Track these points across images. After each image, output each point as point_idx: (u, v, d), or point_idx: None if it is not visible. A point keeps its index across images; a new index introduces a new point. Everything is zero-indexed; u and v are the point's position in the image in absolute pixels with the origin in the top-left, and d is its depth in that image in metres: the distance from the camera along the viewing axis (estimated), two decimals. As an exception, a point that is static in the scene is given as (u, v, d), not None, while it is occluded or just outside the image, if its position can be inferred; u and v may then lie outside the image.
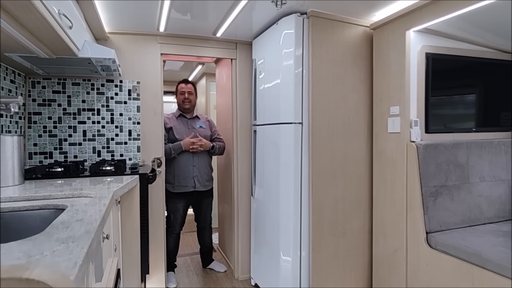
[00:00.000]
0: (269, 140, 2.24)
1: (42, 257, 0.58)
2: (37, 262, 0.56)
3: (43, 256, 0.58)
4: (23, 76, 2.09)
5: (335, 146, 2.06)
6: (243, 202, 2.67)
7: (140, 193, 1.81)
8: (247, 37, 2.55)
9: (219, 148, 2.73)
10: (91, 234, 0.71)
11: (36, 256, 0.58)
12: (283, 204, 2.06)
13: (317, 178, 2.01)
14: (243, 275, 2.68)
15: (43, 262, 0.55)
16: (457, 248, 1.56)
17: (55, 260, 0.56)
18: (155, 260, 2.41)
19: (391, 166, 1.96)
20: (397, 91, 1.92)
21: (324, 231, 2.03)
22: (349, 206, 2.10)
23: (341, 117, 2.08)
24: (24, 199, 1.19)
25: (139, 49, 2.38)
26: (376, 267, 2.08)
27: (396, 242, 1.91)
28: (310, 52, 2.00)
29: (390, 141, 1.97)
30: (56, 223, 0.82)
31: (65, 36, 1.34)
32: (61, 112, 2.23)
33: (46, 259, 0.57)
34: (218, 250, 3.32)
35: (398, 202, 1.90)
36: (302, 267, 2.03)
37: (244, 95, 2.66)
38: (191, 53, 2.54)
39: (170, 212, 2.62)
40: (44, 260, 0.56)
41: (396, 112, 1.92)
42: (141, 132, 2.40)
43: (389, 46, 1.98)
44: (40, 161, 2.19)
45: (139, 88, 2.39)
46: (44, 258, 0.57)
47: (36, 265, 0.53)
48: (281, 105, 2.09)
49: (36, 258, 0.57)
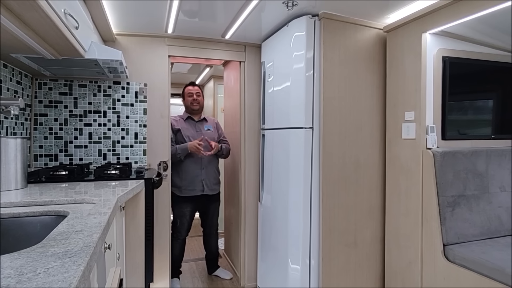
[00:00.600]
0: (278, 145, 2.17)
1: (34, 276, 0.52)
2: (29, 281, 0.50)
3: (36, 274, 0.53)
4: (29, 77, 2.07)
5: (347, 152, 1.99)
6: (250, 208, 2.61)
7: (145, 198, 1.76)
8: (256, 39, 2.50)
9: (226, 149, 2.68)
10: (90, 249, 0.65)
11: (28, 275, 0.53)
12: (292, 211, 1.99)
13: (328, 185, 1.94)
14: (249, 283, 2.61)
15: (35, 281, 0.50)
16: (477, 262, 1.47)
17: (48, 280, 0.50)
18: (159, 266, 2.35)
19: (405, 174, 1.88)
20: (412, 96, 1.85)
21: (334, 241, 1.96)
22: (360, 215, 2.03)
23: (353, 122, 2.01)
24: (25, 204, 1.14)
25: (146, 51, 2.34)
26: (389, 280, 1.99)
27: (410, 254, 1.83)
28: (321, 55, 1.94)
29: (404, 148, 1.90)
30: (54, 234, 0.77)
31: (71, 36, 1.31)
32: (67, 114, 2.20)
33: (39, 279, 0.51)
34: (224, 256, 3.26)
35: (413, 212, 1.82)
36: (312, 277, 1.95)
37: (252, 98, 2.60)
38: (199, 56, 2.49)
39: (177, 217, 2.57)
40: (36, 280, 0.51)
41: (411, 118, 1.84)
42: (147, 135, 2.36)
43: (403, 49, 1.90)
44: (45, 163, 2.16)
45: (146, 90, 2.35)
46: (36, 277, 0.52)
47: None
48: (291, 109, 2.03)
49: (27, 277, 0.52)
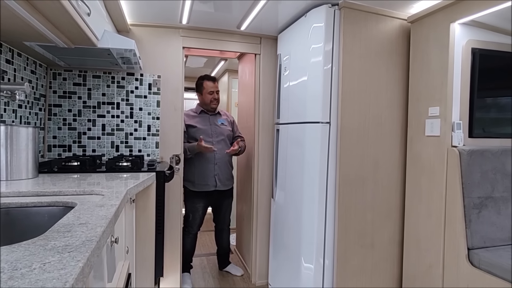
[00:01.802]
0: (293, 140, 2.10)
1: (29, 272, 0.48)
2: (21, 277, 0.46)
3: (31, 270, 0.49)
4: (44, 67, 2.06)
5: (365, 149, 1.90)
6: (263, 204, 2.55)
7: (156, 191, 1.72)
8: (272, 31, 2.42)
9: (243, 147, 2.63)
10: (92, 244, 0.61)
11: (22, 270, 0.48)
12: (307, 209, 1.92)
13: (345, 183, 1.86)
14: (260, 280, 2.56)
15: (28, 278, 0.45)
16: (505, 269, 1.37)
17: (42, 277, 0.46)
18: (170, 260, 2.33)
19: (427, 173, 1.78)
20: (437, 91, 1.74)
21: (350, 241, 1.88)
22: (378, 215, 1.94)
23: (373, 118, 1.92)
24: (33, 194, 1.12)
25: (160, 42, 2.30)
26: (407, 283, 1.90)
27: (431, 257, 1.73)
28: (341, 47, 1.85)
29: (427, 146, 1.79)
30: (57, 226, 0.73)
31: (82, 22, 1.27)
32: (81, 105, 2.19)
33: (32, 275, 0.47)
34: (235, 252, 3.22)
35: (435, 213, 1.72)
36: (326, 277, 1.88)
37: (267, 92, 2.54)
38: (214, 47, 2.44)
39: (189, 212, 2.54)
40: (30, 276, 0.46)
41: (436, 114, 1.74)
42: (160, 128, 2.33)
43: (429, 40, 1.80)
44: (59, 154, 2.16)
45: (159, 82, 2.32)
46: (30, 274, 0.47)
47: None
48: (308, 103, 1.95)
49: (21, 273, 0.47)
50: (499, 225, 1.62)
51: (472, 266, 1.53)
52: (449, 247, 1.64)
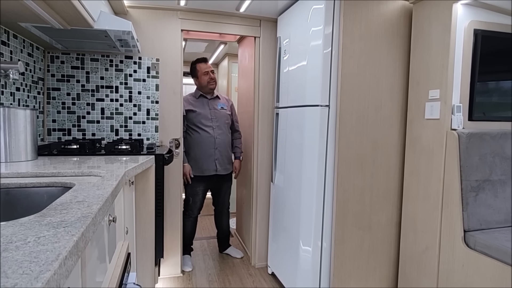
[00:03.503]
0: (293, 123, 2.10)
1: (23, 244, 0.49)
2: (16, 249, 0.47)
3: (25, 243, 0.49)
4: (41, 50, 2.04)
5: (364, 131, 1.90)
6: (262, 188, 2.57)
7: (156, 174, 1.73)
8: (272, 13, 2.38)
9: (241, 144, 2.75)
10: (88, 219, 0.61)
11: (16, 243, 0.49)
12: (305, 192, 1.93)
13: (343, 166, 1.86)
14: (260, 262, 2.60)
15: (22, 250, 0.46)
16: (501, 251, 1.39)
17: (36, 250, 0.47)
18: (171, 243, 2.37)
19: (426, 156, 1.78)
20: (438, 73, 1.72)
21: (348, 223, 1.90)
22: (376, 197, 1.95)
23: (372, 101, 1.91)
24: (32, 175, 1.13)
25: (159, 24, 2.27)
26: (403, 265, 1.93)
27: (427, 239, 1.75)
28: (341, 29, 1.82)
29: (426, 128, 1.79)
30: (55, 204, 0.74)
31: (77, 2, 1.25)
32: (80, 89, 2.18)
33: (27, 247, 0.47)
34: (236, 235, 3.26)
35: (433, 196, 1.73)
36: (323, 259, 1.91)
37: (267, 75, 2.51)
38: (213, 30, 2.41)
39: (189, 196, 2.56)
40: (24, 249, 0.47)
41: (436, 96, 1.72)
42: (159, 112, 2.32)
43: (431, 21, 1.76)
44: (59, 137, 2.17)
45: (158, 66, 2.30)
46: (24, 246, 0.48)
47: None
48: (307, 87, 1.94)
49: (15, 245, 0.48)
50: (496, 207, 1.63)
51: (467, 247, 1.55)
52: (446, 229, 1.65)
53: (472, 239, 1.54)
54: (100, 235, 0.88)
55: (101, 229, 0.89)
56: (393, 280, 2.03)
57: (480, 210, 1.60)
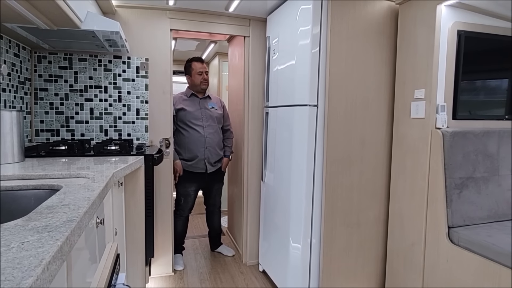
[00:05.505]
0: (282, 123, 2.12)
1: (6, 250, 0.50)
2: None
3: (9, 248, 0.50)
4: (28, 50, 2.02)
5: (352, 130, 1.93)
6: (253, 187, 2.59)
7: (145, 174, 1.74)
8: (261, 12, 2.39)
9: (232, 143, 2.76)
10: (73, 224, 0.62)
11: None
12: (295, 191, 1.96)
13: (332, 164, 1.89)
14: (251, 260, 2.63)
15: (5, 256, 0.47)
16: (483, 246, 1.43)
17: (19, 255, 0.47)
18: (162, 242, 2.38)
19: (412, 154, 1.82)
20: (423, 73, 1.75)
21: (336, 221, 1.93)
22: (364, 195, 1.98)
23: (360, 100, 1.93)
24: (18, 177, 1.13)
25: (148, 24, 2.26)
26: (391, 261, 1.97)
27: (413, 235, 1.79)
28: (328, 29, 1.84)
29: (412, 127, 1.82)
30: (41, 208, 0.74)
31: (63, 3, 1.24)
32: (68, 89, 2.17)
33: (10, 253, 0.48)
34: (227, 233, 3.28)
35: (418, 193, 1.77)
36: (313, 256, 1.94)
37: (256, 75, 2.53)
38: (202, 30, 2.40)
39: (181, 196, 2.57)
40: (7, 255, 0.48)
41: (421, 96, 1.76)
42: (149, 112, 2.32)
43: (416, 22, 1.79)
44: (47, 138, 2.15)
45: (147, 65, 2.29)
46: (7, 252, 0.49)
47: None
48: (296, 86, 1.95)
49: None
50: (479, 204, 1.67)
51: (451, 243, 1.59)
52: (431, 226, 1.69)
53: (456, 235, 1.58)
54: (88, 238, 0.88)
55: (89, 231, 0.90)
56: (381, 276, 2.07)
57: (463, 207, 1.64)
